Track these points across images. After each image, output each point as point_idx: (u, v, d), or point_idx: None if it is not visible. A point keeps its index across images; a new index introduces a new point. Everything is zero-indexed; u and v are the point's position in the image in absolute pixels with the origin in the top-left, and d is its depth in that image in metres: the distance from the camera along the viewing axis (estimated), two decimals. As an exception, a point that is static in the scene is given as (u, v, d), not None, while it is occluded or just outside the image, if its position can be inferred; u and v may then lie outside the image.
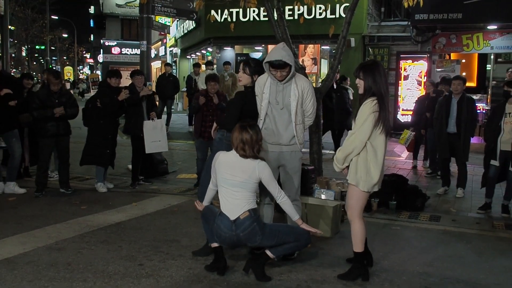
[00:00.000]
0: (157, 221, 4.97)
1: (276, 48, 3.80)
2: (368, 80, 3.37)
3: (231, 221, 3.46)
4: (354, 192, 3.49)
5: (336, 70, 6.24)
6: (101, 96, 6.11)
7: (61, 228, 4.68)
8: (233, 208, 3.47)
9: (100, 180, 6.26)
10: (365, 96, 3.39)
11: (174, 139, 10.98)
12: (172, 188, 6.48)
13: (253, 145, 3.48)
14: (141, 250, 4.09)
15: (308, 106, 3.88)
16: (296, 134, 3.83)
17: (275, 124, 3.84)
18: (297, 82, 3.81)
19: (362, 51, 12.55)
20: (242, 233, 3.44)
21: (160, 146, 6.49)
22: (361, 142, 3.35)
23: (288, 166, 3.89)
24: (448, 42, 11.66)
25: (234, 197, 3.48)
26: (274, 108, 3.83)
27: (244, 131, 3.48)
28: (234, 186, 3.48)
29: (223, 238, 3.52)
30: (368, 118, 3.32)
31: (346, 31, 5.92)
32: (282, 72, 3.71)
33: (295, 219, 3.62)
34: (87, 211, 5.30)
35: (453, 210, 5.63)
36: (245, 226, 3.44)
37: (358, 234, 3.51)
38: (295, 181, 3.93)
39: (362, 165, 3.40)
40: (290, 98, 3.78)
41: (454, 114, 6.14)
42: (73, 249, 4.09)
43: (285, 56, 3.67)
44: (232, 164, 3.51)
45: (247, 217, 3.45)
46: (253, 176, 3.48)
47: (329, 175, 6.10)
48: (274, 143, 3.87)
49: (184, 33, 18.85)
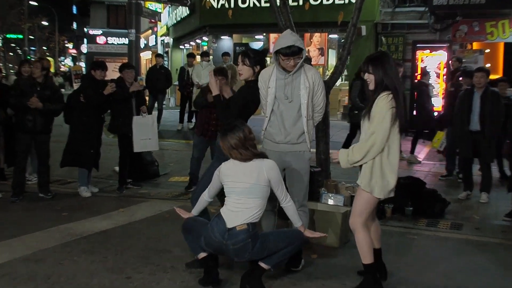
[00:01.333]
0: (146, 229, 4.96)
1: (284, 35, 3.79)
2: (378, 73, 3.37)
3: (226, 229, 3.47)
4: (363, 198, 3.47)
5: (345, 62, 6.22)
6: (84, 89, 6.10)
7: (40, 237, 4.67)
8: (233, 216, 3.48)
9: (83, 183, 6.26)
10: (377, 91, 3.38)
11: (165, 138, 10.98)
12: (164, 193, 6.47)
13: (245, 144, 3.49)
14: (128, 262, 4.08)
15: (318, 99, 3.88)
16: (307, 130, 3.83)
17: (282, 120, 3.84)
18: (307, 73, 3.81)
19: (374, 40, 12.54)
20: (233, 245, 3.45)
21: (150, 145, 6.48)
22: (382, 142, 3.32)
23: (296, 168, 3.88)
24: (470, 30, 11.64)
25: (237, 206, 3.50)
26: (282, 103, 3.82)
27: (227, 137, 3.51)
28: (239, 194, 3.50)
29: (211, 242, 3.52)
30: (386, 115, 3.30)
31: (357, 18, 5.90)
32: (296, 59, 3.70)
33: (297, 226, 3.62)
34: (69, 218, 5.29)
35: (476, 217, 5.62)
36: (238, 239, 3.44)
37: (364, 244, 3.49)
38: (303, 185, 3.92)
39: (377, 168, 3.37)
40: (300, 90, 3.78)
41: (477, 109, 6.13)
42: (53, 260, 4.07)
43: (297, 41, 3.68)
44: (235, 171, 3.54)
45: (243, 230, 3.45)
46: (260, 179, 3.48)
47: (337, 178, 6.08)
48: (280, 142, 3.86)
49: (177, 20, 18.87)
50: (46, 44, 53.74)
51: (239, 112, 3.95)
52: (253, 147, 3.55)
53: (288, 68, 3.74)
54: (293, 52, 3.66)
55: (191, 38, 17.97)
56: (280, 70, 3.79)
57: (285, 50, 3.66)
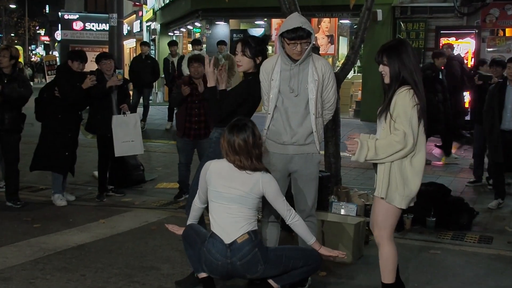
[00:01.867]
0: (130, 243, 4.97)
1: (291, 16, 3.80)
2: (394, 65, 3.37)
3: (226, 245, 3.45)
4: (383, 208, 3.47)
5: (358, 51, 6.25)
6: (60, 83, 6.12)
7: (7, 252, 4.67)
8: (229, 229, 3.47)
9: (58, 190, 6.27)
10: (393, 86, 3.38)
11: (152, 138, 11.00)
12: (150, 201, 6.49)
13: (249, 152, 3.46)
14: (110, 280, 4.09)
15: (329, 95, 3.88)
16: (316, 129, 3.82)
17: (287, 118, 3.82)
18: (316, 64, 3.80)
19: (391, 26, 12.56)
20: (240, 261, 3.43)
21: (133, 148, 6.50)
22: (413, 145, 3.32)
23: (303, 173, 3.88)
24: (502, 14, 11.65)
25: (230, 214, 3.47)
26: (286, 97, 3.81)
27: (233, 135, 3.46)
28: (230, 202, 3.48)
29: (214, 267, 3.50)
30: (413, 113, 3.30)
31: (372, 1, 5.93)
32: (303, 44, 3.68)
33: (310, 243, 3.61)
34: (42, 230, 5.30)
35: (509, 229, 5.63)
36: (244, 252, 3.43)
37: (389, 261, 3.50)
38: (311, 192, 3.92)
39: (397, 173, 3.37)
40: (308, 84, 3.77)
41: (510, 106, 6.14)
42: (22, 279, 4.08)
43: (305, 23, 3.67)
44: (228, 174, 3.51)
45: (246, 241, 3.44)
46: (255, 191, 3.49)
47: (349, 184, 6.11)
48: (285, 143, 3.85)
49: (165, 3, 18.89)
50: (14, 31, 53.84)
51: (235, 110, 3.93)
52: (258, 159, 3.50)
53: (294, 55, 3.73)
54: (299, 36, 3.65)
55: (181, 23, 18.00)
56: (285, 59, 3.79)
57: (291, 33, 3.67)
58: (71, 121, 6.20)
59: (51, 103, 6.13)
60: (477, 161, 7.60)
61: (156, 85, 16.86)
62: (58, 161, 6.16)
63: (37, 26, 58.17)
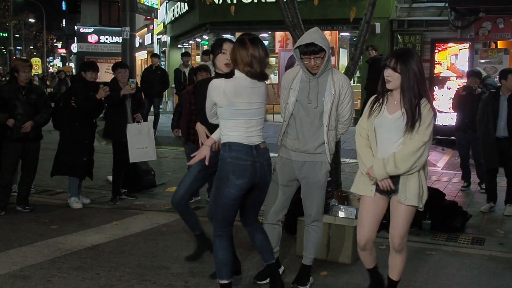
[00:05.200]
0: (142, 244, 4.99)
1: (309, 31, 3.82)
2: (408, 75, 3.28)
3: (251, 147, 3.46)
4: (411, 215, 3.43)
5: (357, 62, 6.26)
6: (75, 93, 6.16)
7: (27, 252, 4.71)
8: (252, 137, 3.49)
9: (74, 194, 6.31)
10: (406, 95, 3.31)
11: (162, 145, 11.02)
12: (160, 204, 6.51)
13: (262, 61, 3.47)
14: (122, 279, 4.11)
15: (345, 109, 3.87)
16: (328, 141, 3.81)
17: (301, 127, 3.83)
18: (334, 78, 3.80)
19: (389, 39, 12.57)
20: (266, 161, 3.53)
21: (146, 154, 6.53)
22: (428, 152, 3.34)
23: (311, 180, 3.88)
24: (494, 28, 11.65)
25: (251, 127, 3.49)
26: (303, 107, 3.81)
27: (259, 45, 3.45)
28: (253, 116, 3.49)
29: (244, 168, 3.42)
30: (430, 124, 3.30)
31: (370, 14, 5.94)
32: (316, 59, 3.68)
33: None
34: (59, 231, 5.33)
35: (501, 231, 5.62)
36: (267, 156, 3.54)
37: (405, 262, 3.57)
38: (317, 199, 3.92)
39: (424, 179, 3.40)
40: (325, 97, 3.77)
41: (504, 114, 6.12)
42: (41, 277, 4.11)
43: (318, 38, 3.66)
44: (247, 90, 3.47)
45: (266, 149, 3.56)
46: (264, 98, 3.58)
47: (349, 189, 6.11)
48: (297, 151, 3.86)
49: (174, 17, 18.96)
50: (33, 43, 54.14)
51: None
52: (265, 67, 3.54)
53: (309, 68, 3.75)
54: (311, 51, 3.66)
55: (190, 36, 18.05)
56: (305, 72, 3.80)
57: (303, 48, 3.68)
58: (87, 128, 6.24)
59: (67, 111, 6.17)
60: (464, 168, 7.58)
61: (166, 94, 16.90)
62: (77, 167, 6.19)
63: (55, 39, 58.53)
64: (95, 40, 32.51)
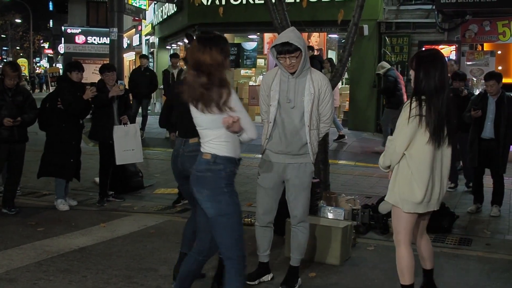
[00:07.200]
0: (130, 246, 4.97)
1: (285, 31, 3.85)
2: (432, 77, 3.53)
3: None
4: (394, 212, 3.54)
5: (346, 63, 6.28)
6: (62, 94, 6.12)
7: (12, 254, 4.66)
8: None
9: (60, 196, 6.26)
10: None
11: (150, 146, 10.98)
12: (148, 206, 6.48)
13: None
14: (110, 281, 4.09)
15: (325, 108, 3.88)
16: (310, 141, 3.82)
17: (283, 128, 3.83)
18: (313, 78, 3.82)
19: (377, 41, 12.63)
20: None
21: (133, 156, 6.50)
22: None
23: (296, 182, 3.89)
24: (480, 30, 11.75)
25: None
26: (283, 108, 3.82)
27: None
28: None
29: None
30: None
31: (358, 16, 5.97)
32: (291, 59, 3.70)
33: None
34: (45, 233, 5.29)
35: (487, 232, 5.66)
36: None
37: (402, 262, 3.55)
38: (302, 200, 3.93)
39: (402, 179, 3.44)
40: (304, 96, 3.78)
41: (491, 115, 6.16)
42: (27, 280, 4.07)
43: (293, 38, 3.67)
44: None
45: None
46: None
47: (337, 190, 6.13)
48: (280, 153, 3.86)
49: (163, 18, 18.92)
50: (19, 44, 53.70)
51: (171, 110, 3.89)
52: None
53: (285, 68, 3.76)
54: (286, 51, 3.67)
55: (178, 37, 18.00)
56: (283, 71, 3.81)
57: (279, 47, 3.70)
58: (74, 129, 6.19)
59: (54, 112, 6.12)
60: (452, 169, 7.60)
61: (155, 95, 16.84)
62: (64, 168, 6.15)
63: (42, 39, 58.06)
64: (82, 41, 32.29)
